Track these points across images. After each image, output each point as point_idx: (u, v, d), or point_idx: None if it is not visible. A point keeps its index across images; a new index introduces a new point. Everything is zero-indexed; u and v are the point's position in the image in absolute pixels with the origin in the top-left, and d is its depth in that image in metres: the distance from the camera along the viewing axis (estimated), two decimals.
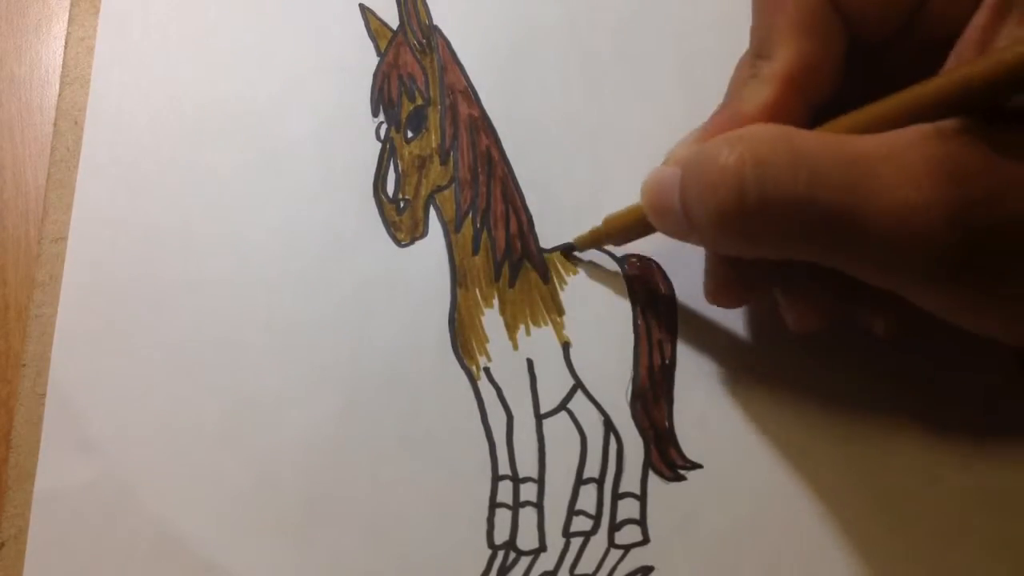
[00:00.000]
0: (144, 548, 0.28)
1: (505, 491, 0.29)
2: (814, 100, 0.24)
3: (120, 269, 0.31)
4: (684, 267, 0.31)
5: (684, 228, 0.24)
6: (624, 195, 0.32)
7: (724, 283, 0.27)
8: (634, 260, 0.31)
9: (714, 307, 0.28)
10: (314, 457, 0.29)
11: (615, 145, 0.33)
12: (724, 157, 0.21)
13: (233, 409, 0.30)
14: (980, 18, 0.22)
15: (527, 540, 0.28)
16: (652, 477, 0.29)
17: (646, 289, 0.31)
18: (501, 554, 0.28)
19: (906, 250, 0.20)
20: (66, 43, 0.34)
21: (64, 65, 0.34)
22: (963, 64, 0.20)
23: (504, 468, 0.29)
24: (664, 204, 0.24)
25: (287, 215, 0.32)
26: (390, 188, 0.32)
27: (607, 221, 0.30)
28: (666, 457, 0.29)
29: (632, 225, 0.28)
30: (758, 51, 0.25)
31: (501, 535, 0.28)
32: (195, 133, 0.33)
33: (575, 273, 0.31)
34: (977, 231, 0.20)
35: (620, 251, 0.31)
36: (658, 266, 0.31)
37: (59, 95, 0.33)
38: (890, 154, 0.20)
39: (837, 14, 0.24)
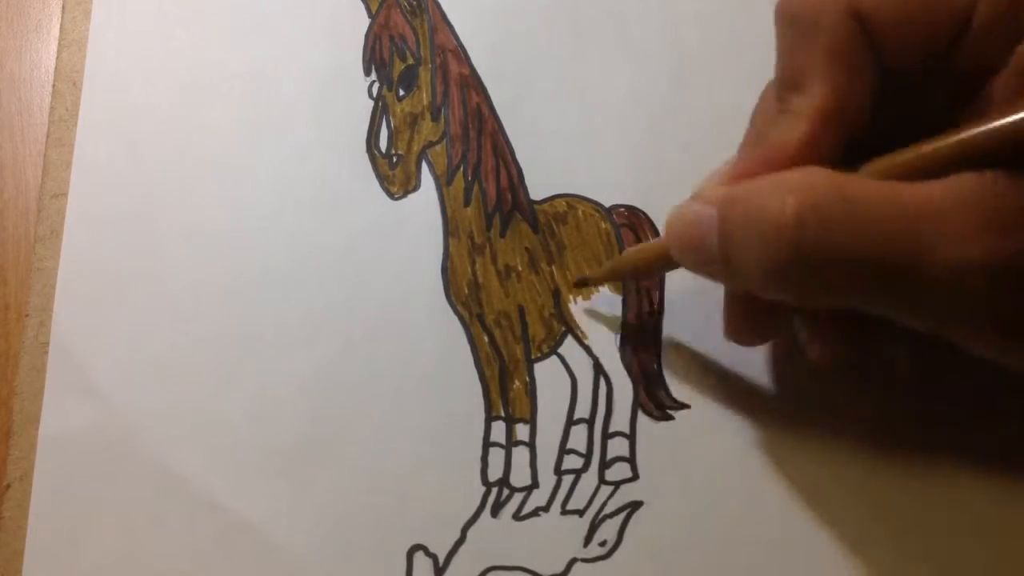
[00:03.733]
0: (146, 487, 0.29)
1: (498, 431, 0.30)
2: (848, 134, 0.23)
3: (119, 222, 0.32)
4: None
5: (720, 271, 0.23)
6: (610, 148, 0.33)
7: (746, 322, 0.27)
8: (622, 210, 0.32)
9: None
10: (312, 398, 0.30)
11: (602, 100, 0.33)
12: (776, 207, 0.21)
13: (231, 353, 0.30)
14: (1020, 56, 0.21)
15: (520, 478, 0.29)
16: (641, 418, 0.30)
17: (635, 239, 0.32)
18: (495, 491, 0.29)
19: (965, 304, 0.20)
20: (63, 6, 0.34)
21: (62, 28, 0.34)
22: (1011, 106, 0.19)
23: (497, 410, 0.30)
24: (697, 245, 0.23)
25: (283, 170, 0.32)
26: (383, 144, 0.33)
27: (623, 257, 0.29)
28: (655, 398, 0.30)
29: (653, 261, 0.28)
30: (788, 83, 0.23)
31: (495, 473, 0.29)
32: (192, 90, 0.33)
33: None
34: None
35: (608, 202, 0.32)
36: (646, 216, 0.32)
37: (57, 57, 0.34)
38: (947, 206, 0.19)
39: (870, 46, 0.23)
